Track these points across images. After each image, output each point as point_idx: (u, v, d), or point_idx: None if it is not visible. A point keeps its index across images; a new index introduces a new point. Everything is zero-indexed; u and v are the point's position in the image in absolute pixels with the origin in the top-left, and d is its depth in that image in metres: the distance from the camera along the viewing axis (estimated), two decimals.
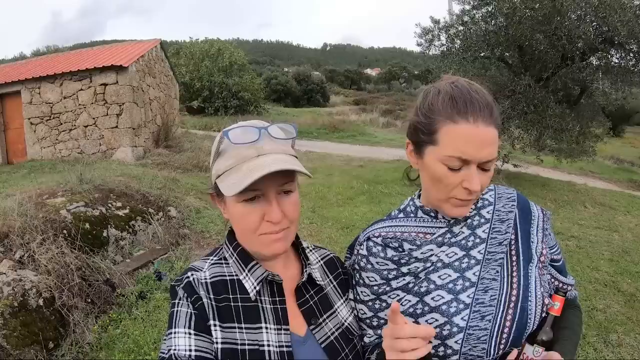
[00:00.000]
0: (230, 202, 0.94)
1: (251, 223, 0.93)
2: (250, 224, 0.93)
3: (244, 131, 0.93)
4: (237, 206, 0.93)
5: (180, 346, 0.86)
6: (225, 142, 0.93)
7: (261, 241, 0.94)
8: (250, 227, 0.93)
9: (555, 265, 1.09)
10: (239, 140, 0.91)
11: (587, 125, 10.13)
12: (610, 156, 18.91)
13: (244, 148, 0.91)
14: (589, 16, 8.37)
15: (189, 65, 25.82)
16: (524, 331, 0.94)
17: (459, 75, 1.03)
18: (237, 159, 0.90)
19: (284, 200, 0.94)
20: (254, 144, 0.91)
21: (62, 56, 13.12)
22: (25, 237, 3.85)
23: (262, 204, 0.92)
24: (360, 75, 78.82)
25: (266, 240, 0.94)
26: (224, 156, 0.94)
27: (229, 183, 0.89)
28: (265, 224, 0.92)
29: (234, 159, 0.91)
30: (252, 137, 0.92)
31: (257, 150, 0.91)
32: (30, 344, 3.05)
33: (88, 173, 5.92)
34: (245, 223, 0.93)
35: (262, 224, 0.92)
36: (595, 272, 5.28)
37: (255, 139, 0.91)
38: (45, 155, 10.78)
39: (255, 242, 0.95)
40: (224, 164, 0.92)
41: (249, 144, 0.91)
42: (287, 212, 0.93)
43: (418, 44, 11.07)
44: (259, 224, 0.93)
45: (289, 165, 0.88)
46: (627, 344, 3.74)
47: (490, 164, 0.93)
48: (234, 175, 0.89)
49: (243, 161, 0.90)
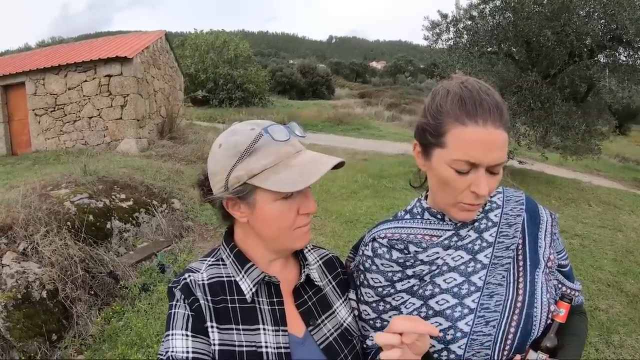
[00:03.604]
0: (264, 201, 0.91)
1: (289, 219, 0.93)
2: (287, 220, 0.93)
3: (278, 129, 0.93)
4: (273, 205, 0.91)
5: (178, 348, 0.86)
6: (264, 139, 0.90)
7: (296, 235, 0.96)
8: (287, 224, 0.94)
9: (562, 270, 1.08)
10: (280, 138, 0.91)
11: (593, 123, 10.07)
12: (615, 154, 18.81)
13: (283, 146, 0.91)
14: (598, 13, 8.30)
15: (194, 56, 25.75)
16: (529, 338, 0.93)
17: (465, 70, 1.01)
18: (277, 157, 0.90)
19: (309, 194, 0.98)
20: (288, 142, 0.92)
21: (66, 47, 13.10)
22: (29, 229, 3.87)
23: (298, 198, 0.93)
24: (365, 69, 78.51)
25: (300, 233, 0.96)
26: (257, 154, 0.90)
27: (283, 181, 0.88)
28: (300, 217, 0.95)
29: (274, 156, 0.90)
30: (286, 135, 0.93)
31: (294, 147, 0.93)
32: (33, 336, 3.07)
33: (92, 165, 5.93)
34: (283, 220, 0.93)
35: (298, 217, 0.94)
36: (599, 271, 5.27)
37: (288, 137, 0.93)
38: (49, 147, 10.79)
39: (289, 237, 0.96)
40: (259, 162, 0.89)
41: (284, 142, 0.92)
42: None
43: (425, 37, 11.01)
44: (295, 218, 0.94)
45: (339, 159, 0.94)
46: (629, 345, 3.73)
47: (499, 168, 0.91)
48: (285, 172, 0.89)
49: (285, 158, 0.90)
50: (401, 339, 0.77)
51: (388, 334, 0.78)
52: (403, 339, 0.77)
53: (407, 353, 0.79)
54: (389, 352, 0.78)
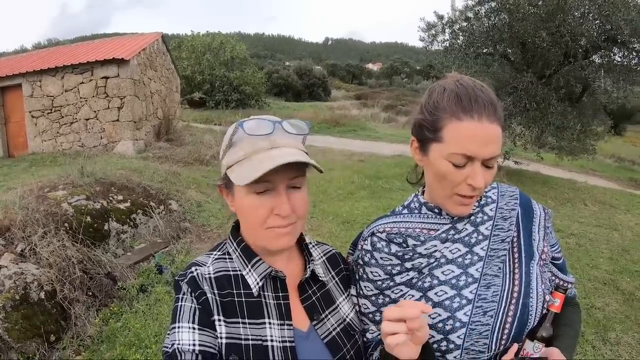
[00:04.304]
0: (239, 194, 0.94)
1: (260, 216, 0.93)
2: (258, 216, 0.93)
3: (259, 123, 0.94)
4: (246, 198, 0.93)
5: (184, 341, 0.86)
6: (239, 133, 0.94)
7: (268, 235, 0.95)
8: (258, 220, 0.93)
9: (555, 263, 1.11)
10: (254, 132, 0.92)
11: (588, 124, 10.11)
12: (611, 155, 18.87)
13: (259, 140, 0.91)
14: (593, 14, 8.35)
15: (190, 58, 25.78)
16: (525, 327, 0.95)
17: (461, 71, 1.04)
18: (249, 150, 0.91)
19: (294, 195, 0.94)
20: (267, 136, 0.92)
21: (63, 49, 13.08)
22: (27, 230, 3.87)
23: (272, 197, 0.92)
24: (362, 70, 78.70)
25: (272, 234, 0.94)
26: (236, 147, 0.93)
27: (240, 173, 0.89)
28: (273, 217, 0.93)
29: (246, 150, 0.91)
30: (267, 129, 0.92)
31: (270, 142, 0.91)
32: (31, 337, 3.07)
33: (89, 166, 5.93)
34: (254, 216, 0.93)
35: (270, 217, 0.93)
36: (595, 270, 5.30)
37: (270, 131, 0.92)
38: (46, 149, 10.78)
39: (261, 235, 0.95)
40: (235, 154, 0.92)
41: (263, 136, 0.92)
42: (295, 207, 0.94)
43: (421, 39, 11.04)
44: (267, 217, 0.93)
45: (303, 158, 0.88)
46: (625, 343, 3.75)
47: (493, 161, 0.94)
48: (246, 165, 0.89)
49: (256, 152, 0.90)
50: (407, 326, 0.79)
51: (393, 323, 0.80)
52: (408, 324, 0.79)
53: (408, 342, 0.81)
54: (394, 337, 0.80)
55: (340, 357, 0.99)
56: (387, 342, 0.81)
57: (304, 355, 0.94)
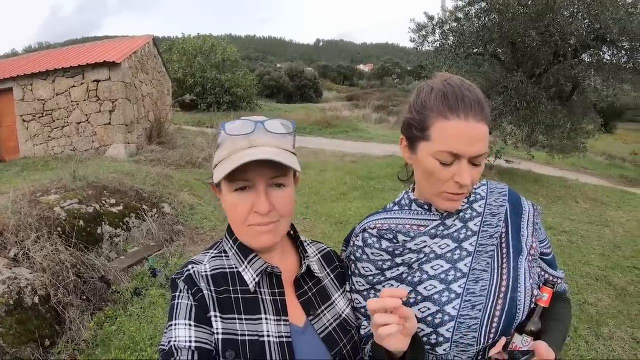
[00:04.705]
0: (224, 191, 0.97)
1: (240, 213, 0.94)
2: (239, 213, 0.95)
3: (241, 124, 0.96)
4: (229, 195, 0.95)
5: (180, 337, 0.87)
6: (222, 134, 0.96)
7: (249, 232, 0.96)
8: (239, 217, 0.95)
9: (545, 258, 1.13)
10: (233, 132, 0.95)
11: (578, 122, 10.21)
12: (601, 152, 19.03)
13: (239, 139, 0.94)
14: (582, 13, 8.44)
15: (181, 61, 25.71)
16: (513, 321, 0.97)
17: (452, 71, 1.06)
18: (230, 150, 0.93)
19: (275, 193, 0.95)
20: (247, 136, 0.94)
21: (54, 52, 13.01)
22: (20, 234, 3.85)
23: (252, 194, 0.93)
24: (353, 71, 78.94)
25: (253, 232, 0.96)
26: (221, 147, 0.96)
27: (217, 172, 0.92)
28: (253, 214, 0.94)
29: (229, 149, 0.93)
30: (247, 129, 0.94)
31: (249, 142, 0.93)
32: (26, 342, 3.06)
33: (81, 170, 5.90)
34: (235, 213, 0.95)
35: (251, 214, 0.94)
36: (587, 266, 5.34)
37: (249, 131, 0.94)
38: (37, 153, 10.71)
39: (243, 232, 0.97)
40: (220, 154, 0.95)
41: (242, 136, 0.94)
42: (276, 205, 0.95)
43: (412, 39, 11.11)
44: (248, 214, 0.94)
45: (273, 156, 0.88)
46: (618, 337, 3.79)
47: (480, 159, 0.95)
48: (225, 164, 0.91)
49: (235, 152, 0.92)
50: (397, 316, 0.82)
51: (384, 314, 0.83)
52: (397, 313, 0.82)
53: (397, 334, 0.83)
54: (385, 328, 0.82)
55: (337, 351, 1.00)
56: (379, 333, 0.83)
57: (300, 350, 0.95)
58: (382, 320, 0.82)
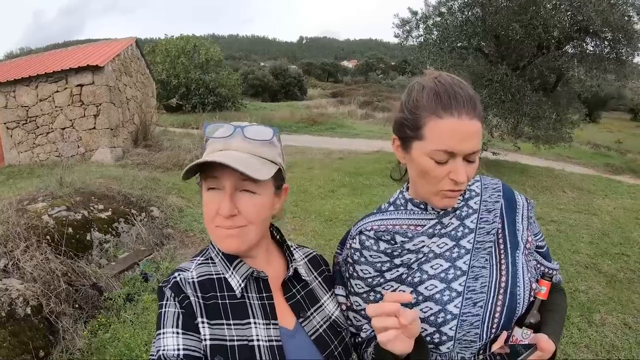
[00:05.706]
0: (202, 189, 0.97)
1: (208, 212, 0.95)
2: (207, 213, 0.95)
3: (223, 128, 0.97)
4: (204, 194, 0.96)
5: (169, 346, 0.87)
6: (205, 137, 0.98)
7: (216, 233, 0.96)
8: (207, 216, 0.96)
9: (540, 251, 1.14)
10: (212, 135, 0.97)
11: (563, 112, 10.33)
12: (587, 141, 19.24)
13: (215, 142, 0.95)
14: (564, 5, 8.52)
15: (165, 62, 25.53)
16: (514, 315, 0.98)
17: (436, 65, 1.06)
18: (208, 152, 0.94)
19: (244, 198, 0.93)
20: (224, 139, 0.95)
21: (36, 58, 12.84)
22: (9, 245, 3.79)
23: (220, 196, 0.93)
24: (337, 68, 78.93)
25: (219, 233, 0.95)
26: (206, 148, 0.97)
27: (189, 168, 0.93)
28: (219, 216, 0.94)
29: (208, 151, 0.95)
30: (224, 133, 0.95)
31: (224, 145, 0.94)
32: (20, 353, 3.01)
33: (68, 176, 5.83)
34: (205, 211, 0.96)
35: (217, 216, 0.94)
36: (576, 254, 5.41)
37: (227, 135, 0.95)
38: (23, 160, 10.57)
39: (212, 232, 0.97)
40: (203, 154, 0.96)
41: (220, 139, 0.95)
42: (243, 210, 0.93)
43: (396, 35, 11.14)
44: (214, 215, 0.94)
45: (233, 162, 0.87)
46: (610, 323, 3.85)
47: (475, 156, 0.96)
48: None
49: (211, 153, 0.92)
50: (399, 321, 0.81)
51: (384, 318, 0.82)
52: (400, 319, 0.81)
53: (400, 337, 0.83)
54: (384, 334, 0.82)
55: (329, 353, 1.00)
56: (379, 339, 0.83)
57: (291, 353, 0.95)
58: (380, 325, 0.82)
